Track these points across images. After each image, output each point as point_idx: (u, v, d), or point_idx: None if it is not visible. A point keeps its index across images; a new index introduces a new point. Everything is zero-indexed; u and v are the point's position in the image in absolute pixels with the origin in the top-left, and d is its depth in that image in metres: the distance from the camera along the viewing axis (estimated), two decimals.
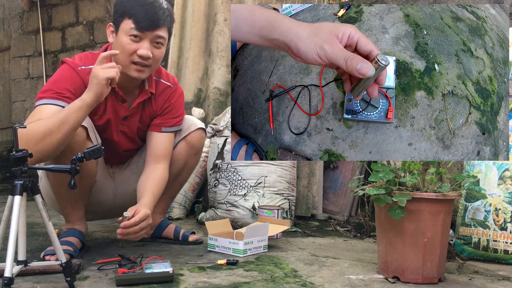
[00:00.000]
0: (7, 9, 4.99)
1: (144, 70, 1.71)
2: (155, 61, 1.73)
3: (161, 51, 1.73)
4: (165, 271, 1.45)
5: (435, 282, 1.50)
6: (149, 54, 1.67)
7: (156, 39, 1.69)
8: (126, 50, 1.67)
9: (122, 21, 1.67)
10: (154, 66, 1.75)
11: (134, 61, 1.68)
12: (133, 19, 1.65)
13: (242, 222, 2.36)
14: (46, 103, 1.60)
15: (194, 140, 1.96)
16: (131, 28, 1.65)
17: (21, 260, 1.27)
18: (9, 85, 4.97)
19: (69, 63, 1.71)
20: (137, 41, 1.67)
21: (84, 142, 1.66)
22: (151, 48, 1.69)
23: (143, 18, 1.64)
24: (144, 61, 1.68)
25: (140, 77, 1.73)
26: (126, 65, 1.69)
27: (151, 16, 1.65)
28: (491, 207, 1.83)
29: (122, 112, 1.80)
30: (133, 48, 1.67)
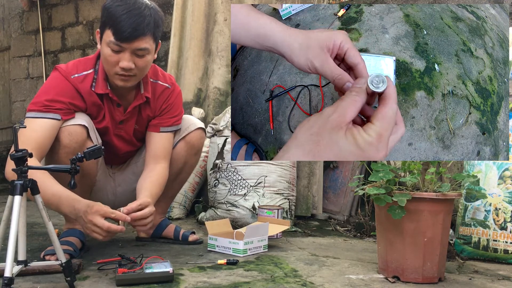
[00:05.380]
0: (7, 9, 4.98)
1: (129, 79, 1.68)
2: (140, 70, 1.68)
3: (145, 60, 1.66)
4: (165, 271, 1.45)
5: (435, 282, 1.50)
6: (130, 66, 1.62)
7: (137, 51, 1.62)
8: (109, 61, 1.64)
9: (104, 31, 1.63)
10: (140, 74, 1.70)
11: (117, 72, 1.65)
12: (112, 30, 1.59)
13: (242, 222, 2.36)
14: (35, 116, 1.60)
15: (194, 140, 1.96)
16: (110, 41, 1.60)
17: (21, 260, 1.27)
18: (9, 85, 4.97)
19: (61, 71, 1.69)
20: (118, 53, 1.62)
21: (84, 142, 1.66)
22: (133, 59, 1.63)
23: (121, 29, 1.57)
24: (127, 72, 1.64)
25: (127, 86, 1.70)
26: (111, 74, 1.67)
27: (129, 26, 1.57)
28: (491, 207, 1.83)
29: (118, 116, 1.80)
30: (115, 60, 1.63)
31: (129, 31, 1.57)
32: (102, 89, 1.71)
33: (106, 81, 1.72)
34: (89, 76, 1.71)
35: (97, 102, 1.73)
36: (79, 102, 1.69)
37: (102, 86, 1.71)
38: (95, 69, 1.73)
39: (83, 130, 1.66)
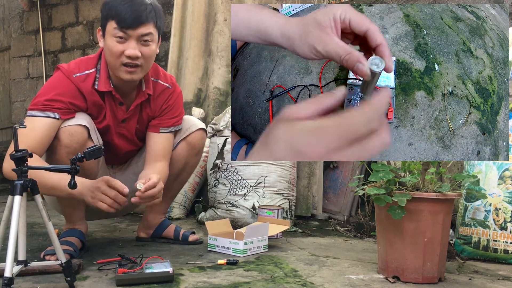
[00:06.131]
0: (7, 9, 4.99)
1: (135, 71, 1.68)
2: (146, 60, 1.69)
3: (150, 48, 1.68)
4: (165, 271, 1.45)
5: (435, 282, 1.50)
6: (137, 53, 1.64)
7: (142, 37, 1.64)
8: (114, 52, 1.65)
9: (107, 23, 1.65)
10: (146, 65, 1.71)
11: (123, 62, 1.65)
12: (116, 19, 1.61)
13: (242, 222, 2.36)
14: (35, 115, 1.62)
15: (195, 141, 1.96)
16: (115, 28, 1.62)
17: (21, 260, 1.27)
18: (9, 85, 4.97)
19: (63, 71, 1.69)
20: (123, 42, 1.64)
21: (85, 142, 1.66)
22: (139, 47, 1.65)
23: (124, 16, 1.60)
24: (134, 61, 1.65)
25: (133, 79, 1.70)
26: (116, 68, 1.67)
27: (132, 13, 1.61)
28: (491, 207, 1.83)
29: (120, 115, 1.80)
30: (120, 50, 1.64)
31: (133, 17, 1.61)
32: (105, 86, 1.71)
33: (109, 79, 1.73)
34: (91, 75, 1.72)
35: (98, 101, 1.73)
36: (80, 102, 1.69)
37: (105, 84, 1.71)
38: (97, 68, 1.73)
39: (84, 130, 1.66)
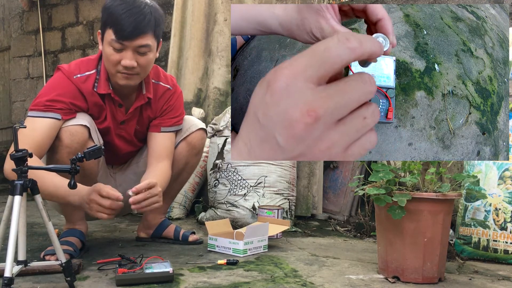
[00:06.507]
0: (7, 9, 4.99)
1: (132, 77, 1.68)
2: (142, 69, 1.68)
3: (147, 58, 1.67)
4: (165, 271, 1.45)
5: (435, 282, 1.50)
6: (133, 64, 1.63)
7: (139, 48, 1.63)
8: (111, 60, 1.65)
9: (105, 31, 1.64)
10: (143, 73, 1.71)
11: (119, 71, 1.66)
12: (113, 29, 1.60)
13: (242, 222, 2.36)
14: (35, 115, 1.62)
15: (195, 141, 1.96)
16: (112, 39, 1.61)
17: (21, 260, 1.27)
18: (9, 85, 4.97)
19: (64, 71, 1.69)
20: (120, 51, 1.63)
21: (86, 142, 1.66)
22: (136, 57, 1.64)
23: (122, 27, 1.58)
24: (129, 70, 1.65)
25: (130, 84, 1.70)
26: (113, 74, 1.68)
27: (130, 24, 1.58)
28: (491, 207, 1.83)
29: (120, 117, 1.80)
30: (117, 59, 1.63)
31: (130, 29, 1.58)
32: (104, 89, 1.71)
33: (108, 81, 1.73)
34: (91, 76, 1.72)
35: (98, 102, 1.73)
36: (81, 103, 1.69)
37: (104, 87, 1.71)
38: (97, 69, 1.73)
39: (85, 130, 1.66)
